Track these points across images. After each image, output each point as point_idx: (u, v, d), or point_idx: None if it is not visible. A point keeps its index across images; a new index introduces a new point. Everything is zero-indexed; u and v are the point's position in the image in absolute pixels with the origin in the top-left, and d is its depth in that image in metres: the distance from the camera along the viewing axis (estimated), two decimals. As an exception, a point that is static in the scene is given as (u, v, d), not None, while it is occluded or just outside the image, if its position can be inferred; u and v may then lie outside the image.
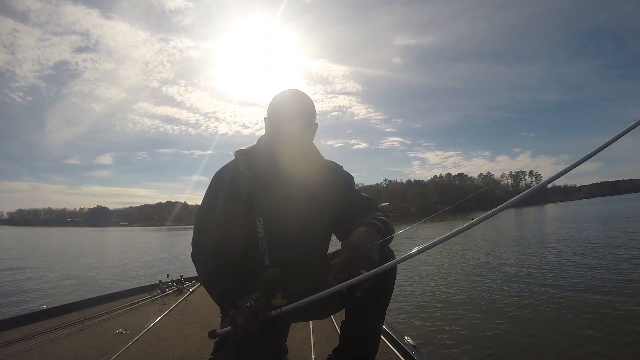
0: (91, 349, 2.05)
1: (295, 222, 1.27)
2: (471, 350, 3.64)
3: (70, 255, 17.89)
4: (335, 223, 1.34)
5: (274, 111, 1.28)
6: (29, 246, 26.14)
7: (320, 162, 1.38)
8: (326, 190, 1.32)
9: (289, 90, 1.31)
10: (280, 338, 1.35)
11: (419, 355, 1.78)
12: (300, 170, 1.29)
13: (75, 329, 2.36)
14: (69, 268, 12.31)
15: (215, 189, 1.30)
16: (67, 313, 2.69)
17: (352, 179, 1.42)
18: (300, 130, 1.26)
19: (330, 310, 1.43)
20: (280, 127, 1.26)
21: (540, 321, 4.40)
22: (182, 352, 2.02)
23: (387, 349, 1.91)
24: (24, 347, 2.03)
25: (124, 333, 2.30)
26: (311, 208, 1.29)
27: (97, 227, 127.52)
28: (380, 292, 1.19)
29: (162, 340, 2.20)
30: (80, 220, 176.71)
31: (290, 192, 1.28)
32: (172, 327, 2.46)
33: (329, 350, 1.36)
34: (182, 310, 2.86)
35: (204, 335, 2.23)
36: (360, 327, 1.25)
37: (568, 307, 4.88)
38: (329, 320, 2.33)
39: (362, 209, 1.28)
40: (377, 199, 1.40)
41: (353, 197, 1.35)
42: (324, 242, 1.38)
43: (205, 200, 1.31)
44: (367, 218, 1.17)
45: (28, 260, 15.32)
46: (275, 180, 1.28)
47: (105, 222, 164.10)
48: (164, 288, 3.37)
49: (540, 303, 5.16)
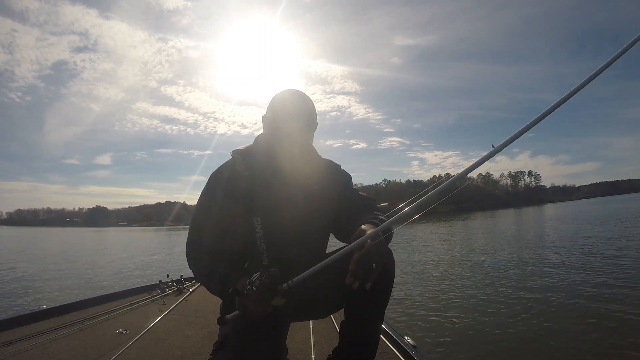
0: (91, 349, 2.05)
1: (294, 222, 1.27)
2: (471, 350, 3.65)
3: (70, 255, 17.86)
4: (333, 222, 1.34)
5: (274, 111, 1.28)
6: (28, 246, 26.11)
7: (318, 161, 1.38)
8: (325, 189, 1.32)
9: (289, 90, 1.31)
10: (280, 338, 1.35)
11: (419, 355, 1.78)
12: (299, 169, 1.29)
13: (75, 329, 2.35)
14: (69, 268, 12.30)
15: (212, 189, 1.29)
16: (67, 313, 2.68)
17: (350, 178, 1.42)
18: (300, 130, 1.26)
19: (330, 310, 1.43)
20: (281, 126, 1.26)
21: (540, 321, 4.41)
22: (182, 352, 2.02)
23: (387, 349, 1.91)
24: (24, 347, 2.03)
25: (124, 333, 2.30)
26: (310, 207, 1.29)
27: (96, 227, 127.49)
28: (379, 292, 1.18)
29: (162, 340, 2.20)
30: (79, 220, 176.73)
31: (289, 192, 1.28)
32: (172, 327, 2.46)
33: (329, 350, 1.36)
34: (182, 310, 2.86)
35: (204, 335, 2.26)
36: (360, 327, 1.24)
37: (568, 307, 4.89)
38: (329, 320, 2.33)
39: (361, 208, 1.28)
40: (376, 199, 1.40)
41: (351, 197, 1.35)
42: (322, 241, 1.38)
43: (202, 200, 1.30)
44: (367, 218, 1.16)
45: (28, 260, 15.31)
46: (273, 180, 1.28)
47: (104, 222, 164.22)
48: (164, 288, 3.37)
49: (540, 303, 5.17)
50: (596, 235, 13.11)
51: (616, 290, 5.54)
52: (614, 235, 12.76)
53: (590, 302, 5.03)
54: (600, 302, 4.98)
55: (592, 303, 4.99)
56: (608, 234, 13.36)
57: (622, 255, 8.52)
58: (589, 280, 6.34)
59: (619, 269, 7.08)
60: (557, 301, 5.21)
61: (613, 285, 5.81)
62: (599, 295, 5.31)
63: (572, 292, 5.63)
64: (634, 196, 76.81)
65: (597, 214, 26.18)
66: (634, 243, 10.44)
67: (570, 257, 8.84)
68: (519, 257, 9.70)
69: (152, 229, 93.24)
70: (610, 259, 8.25)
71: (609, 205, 40.22)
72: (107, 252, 20.28)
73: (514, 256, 9.91)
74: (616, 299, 5.06)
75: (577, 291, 5.64)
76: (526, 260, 9.10)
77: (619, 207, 33.26)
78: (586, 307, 4.83)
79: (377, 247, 1.03)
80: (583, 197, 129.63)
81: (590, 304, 4.93)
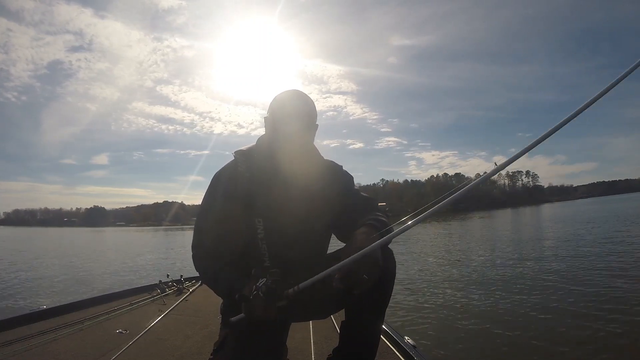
0: (91, 349, 2.05)
1: (295, 222, 1.27)
2: (471, 350, 3.66)
3: (69, 255, 17.80)
4: (334, 223, 1.34)
5: (275, 111, 1.28)
6: (27, 246, 26.01)
7: (320, 162, 1.38)
8: (326, 190, 1.31)
9: (289, 91, 1.31)
10: (280, 338, 1.35)
11: (419, 355, 1.79)
12: (300, 170, 1.29)
13: (75, 329, 2.36)
14: (68, 268, 12.26)
15: (214, 190, 1.29)
16: (67, 313, 2.68)
17: (351, 178, 1.42)
18: (300, 130, 1.26)
19: (330, 310, 1.43)
20: (281, 127, 1.26)
21: (539, 321, 4.42)
22: (182, 352, 2.03)
23: (387, 349, 1.92)
24: (24, 347, 2.03)
25: (124, 333, 2.30)
26: (311, 208, 1.29)
27: (94, 227, 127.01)
28: (379, 292, 1.19)
29: (162, 340, 2.21)
30: (77, 220, 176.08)
31: (290, 193, 1.28)
32: (172, 327, 2.46)
33: (329, 350, 1.36)
34: (182, 310, 2.87)
35: (204, 335, 2.27)
36: (360, 327, 1.24)
37: (568, 307, 4.90)
38: (329, 320, 2.34)
39: (362, 208, 1.27)
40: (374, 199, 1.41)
41: (353, 197, 1.34)
42: (323, 242, 1.38)
43: (204, 202, 1.31)
44: (367, 219, 1.16)
45: (28, 260, 15.25)
46: (275, 181, 1.28)
47: (102, 222, 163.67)
48: (164, 288, 3.37)
49: (540, 303, 5.19)
50: (596, 235, 13.15)
51: (616, 290, 5.57)
52: (614, 235, 12.81)
53: (590, 302, 5.04)
54: (600, 302, 4.99)
55: (592, 302, 5.00)
56: (608, 233, 13.40)
57: (623, 256, 8.55)
58: (589, 280, 6.36)
59: (619, 269, 7.11)
60: (557, 301, 5.22)
61: (613, 286, 5.82)
62: (599, 295, 5.33)
63: (572, 291, 5.65)
64: (631, 196, 77.08)
65: (594, 214, 26.25)
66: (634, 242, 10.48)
67: (570, 258, 8.86)
68: (518, 257, 9.72)
69: (150, 229, 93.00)
70: (610, 259, 8.27)
71: (607, 205, 40.34)
72: (107, 252, 20.22)
73: (513, 256, 9.93)
74: (616, 299, 5.08)
75: (577, 291, 5.66)
76: (525, 260, 9.12)
77: (616, 207, 33.36)
78: (586, 307, 4.84)
79: (368, 259, 1.00)
80: (580, 197, 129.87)
81: (590, 304, 4.95)
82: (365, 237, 1.07)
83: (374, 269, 1.01)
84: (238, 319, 1.09)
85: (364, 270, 0.99)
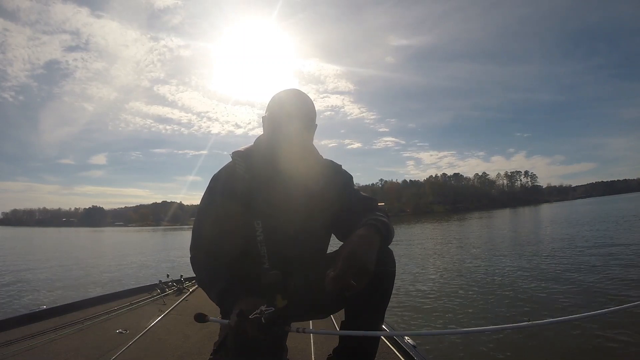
0: (91, 349, 2.05)
1: (294, 223, 1.28)
2: (471, 350, 3.67)
3: (69, 255, 17.77)
4: (334, 223, 1.33)
5: (274, 111, 1.28)
6: (26, 246, 25.96)
7: (319, 161, 1.38)
8: (325, 190, 1.31)
9: (288, 90, 1.31)
10: (280, 338, 1.36)
11: (419, 355, 1.80)
12: (299, 170, 1.28)
13: (75, 329, 2.36)
14: (68, 268, 12.23)
15: (212, 192, 1.29)
16: (67, 313, 2.68)
17: (351, 178, 1.41)
18: (300, 130, 1.26)
19: (330, 310, 1.43)
20: (280, 127, 1.25)
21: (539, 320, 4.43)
22: (182, 352, 2.03)
23: (387, 349, 1.93)
24: (24, 347, 2.03)
25: (124, 333, 2.30)
26: (310, 208, 1.29)
27: (93, 228, 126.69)
28: (379, 292, 1.19)
29: (162, 340, 2.21)
30: (75, 220, 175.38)
31: (290, 193, 1.28)
32: (172, 327, 2.46)
33: (329, 350, 1.36)
34: (182, 310, 2.87)
35: (204, 335, 2.27)
36: (360, 327, 1.23)
37: (568, 307, 4.92)
38: (329, 320, 2.33)
39: (362, 208, 1.27)
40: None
41: (352, 197, 1.33)
42: (323, 242, 1.38)
43: (202, 204, 1.31)
44: (367, 219, 1.16)
45: (27, 260, 15.20)
46: (274, 182, 1.28)
47: (100, 222, 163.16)
48: (164, 288, 3.38)
49: (540, 303, 5.20)
50: (595, 235, 13.17)
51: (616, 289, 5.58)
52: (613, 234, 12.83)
53: (589, 301, 5.06)
54: (600, 301, 5.01)
55: (591, 302, 5.02)
56: (607, 233, 13.42)
57: (622, 255, 8.57)
58: (589, 279, 6.37)
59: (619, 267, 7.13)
60: (557, 300, 5.24)
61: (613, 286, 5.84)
62: (599, 295, 5.35)
63: (572, 291, 5.67)
64: (630, 196, 77.21)
65: (593, 214, 26.29)
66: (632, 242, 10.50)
67: (569, 258, 8.88)
68: (518, 257, 9.73)
69: (148, 229, 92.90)
70: (609, 258, 8.29)
71: (605, 205, 40.41)
72: (106, 252, 20.18)
73: (512, 256, 9.94)
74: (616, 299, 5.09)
75: (577, 291, 5.67)
76: (525, 260, 9.13)
77: (614, 207, 33.41)
78: (586, 306, 4.86)
79: (357, 264, 1.00)
80: (579, 197, 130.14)
81: (589, 304, 4.97)
82: (359, 241, 1.06)
83: (362, 275, 1.00)
84: (218, 321, 1.10)
85: (351, 276, 0.99)
